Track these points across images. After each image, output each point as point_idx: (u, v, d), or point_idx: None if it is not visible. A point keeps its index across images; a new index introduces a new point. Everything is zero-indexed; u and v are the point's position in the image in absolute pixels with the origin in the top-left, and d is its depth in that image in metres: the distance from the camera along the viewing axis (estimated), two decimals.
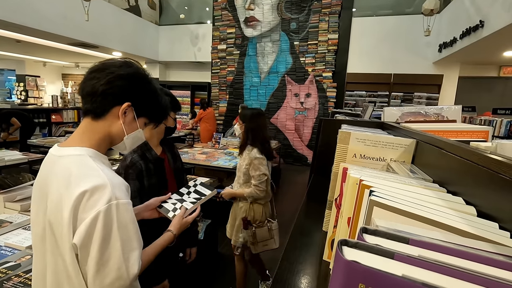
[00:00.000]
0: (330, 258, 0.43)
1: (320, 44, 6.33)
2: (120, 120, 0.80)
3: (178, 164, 1.47)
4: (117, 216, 0.69)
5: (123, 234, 0.71)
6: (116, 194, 0.70)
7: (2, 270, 1.08)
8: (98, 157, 0.78)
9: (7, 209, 1.61)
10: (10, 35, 5.34)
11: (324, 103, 6.45)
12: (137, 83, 0.82)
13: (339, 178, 0.43)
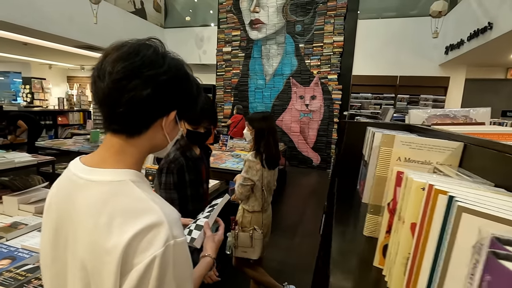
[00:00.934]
0: (381, 264, 0.42)
1: (325, 46, 6.33)
2: (163, 130, 0.65)
3: (208, 164, 1.61)
4: (173, 258, 0.57)
5: (179, 279, 0.59)
6: (173, 233, 0.57)
7: (22, 273, 1.07)
8: (141, 180, 0.63)
9: (21, 211, 1.61)
10: (17, 37, 5.38)
11: (330, 105, 6.44)
12: (183, 85, 0.65)
13: (391, 182, 0.42)
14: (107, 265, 0.54)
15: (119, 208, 0.56)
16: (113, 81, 0.56)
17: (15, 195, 1.65)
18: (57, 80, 10.72)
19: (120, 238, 0.53)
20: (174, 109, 0.63)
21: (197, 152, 1.45)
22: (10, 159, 2.84)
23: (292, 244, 3.08)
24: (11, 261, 1.16)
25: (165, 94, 0.60)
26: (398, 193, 0.40)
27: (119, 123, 0.60)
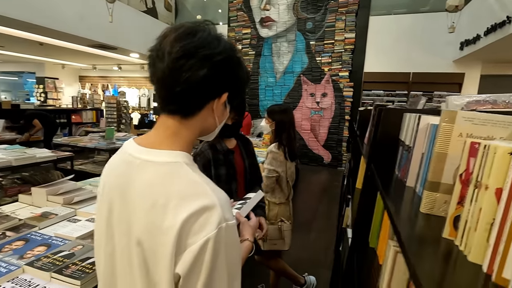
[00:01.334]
0: (451, 236, 0.43)
1: (336, 44, 6.29)
2: (214, 113, 0.66)
3: (252, 160, 1.49)
4: (225, 241, 0.57)
5: (230, 262, 0.59)
6: (225, 215, 0.57)
7: (59, 259, 1.10)
8: (192, 163, 0.64)
9: (50, 202, 1.65)
10: (34, 37, 5.50)
11: (341, 103, 6.40)
12: (234, 66, 0.65)
13: (464, 154, 0.42)
14: (162, 246, 0.55)
15: (175, 190, 0.57)
16: (172, 60, 0.57)
17: (43, 186, 1.69)
18: (70, 79, 10.91)
19: (175, 219, 0.54)
20: (226, 91, 0.64)
21: (231, 144, 1.42)
22: (31, 155, 2.91)
23: (307, 240, 3.08)
24: (47, 248, 1.20)
25: (219, 75, 0.60)
26: (471, 163, 0.41)
27: (176, 103, 0.61)
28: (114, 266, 0.65)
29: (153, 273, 0.59)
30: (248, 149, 1.50)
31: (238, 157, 1.44)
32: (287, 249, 1.83)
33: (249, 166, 1.47)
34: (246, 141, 1.51)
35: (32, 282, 1.00)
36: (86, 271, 1.04)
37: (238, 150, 1.44)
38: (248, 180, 1.48)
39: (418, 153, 0.69)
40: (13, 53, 7.91)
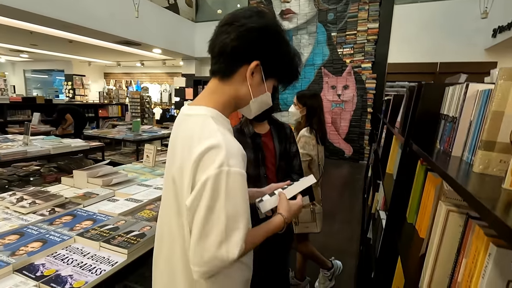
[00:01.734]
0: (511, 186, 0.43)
1: (359, 34, 6.15)
2: (247, 82, 0.72)
3: (285, 146, 1.41)
4: (226, 184, 0.62)
5: (229, 207, 0.62)
6: (229, 161, 0.62)
7: (105, 231, 1.18)
8: (220, 119, 0.73)
9: (90, 184, 1.76)
10: (64, 35, 5.78)
11: (363, 95, 6.26)
12: (268, 38, 0.70)
13: None
14: (184, 179, 0.67)
15: (197, 134, 0.68)
16: (217, 28, 0.72)
17: (84, 169, 1.80)
18: (95, 76, 11.36)
19: (192, 155, 0.65)
20: (256, 59, 0.70)
21: (263, 129, 1.37)
22: (67, 144, 3.09)
23: (331, 230, 3.07)
24: (93, 222, 1.28)
25: (249, 42, 0.69)
26: None
27: (215, 64, 0.73)
28: (162, 206, 0.82)
29: (181, 208, 0.69)
30: (282, 134, 1.41)
31: (269, 142, 1.39)
32: (319, 231, 1.85)
33: (282, 152, 1.39)
34: (280, 126, 1.43)
35: (84, 250, 1.08)
36: (132, 242, 1.11)
37: (269, 135, 1.39)
38: (281, 166, 1.40)
39: (465, 121, 0.69)
40: (45, 51, 8.34)
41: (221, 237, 0.62)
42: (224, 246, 0.62)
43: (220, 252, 0.62)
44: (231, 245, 0.63)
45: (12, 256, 0.99)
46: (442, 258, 0.55)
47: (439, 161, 0.64)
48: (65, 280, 0.90)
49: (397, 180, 1.02)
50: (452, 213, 0.54)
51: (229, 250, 0.63)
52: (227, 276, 0.74)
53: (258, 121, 1.39)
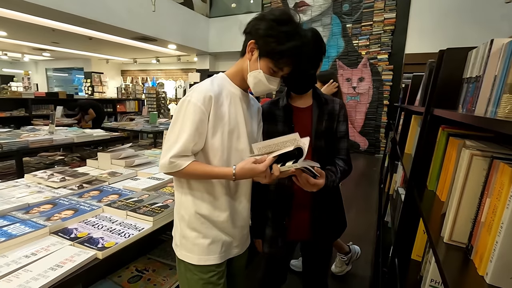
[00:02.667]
0: None
1: (375, 25, 6.02)
2: (247, 58, 0.92)
3: (329, 124, 1.20)
4: (185, 109, 0.87)
5: (181, 125, 0.87)
6: (192, 96, 0.87)
7: (131, 203, 1.24)
8: (220, 78, 0.97)
9: (113, 165, 1.83)
10: (84, 32, 5.97)
11: (379, 87, 6.14)
12: (265, 22, 0.87)
13: None
14: None
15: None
16: None
17: (108, 151, 1.88)
18: (113, 73, 11.67)
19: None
20: (252, 39, 0.89)
21: (304, 103, 1.21)
22: (89, 134, 3.21)
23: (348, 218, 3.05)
24: (118, 196, 1.35)
25: (251, 25, 0.91)
26: None
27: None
28: None
29: None
30: (326, 111, 1.20)
31: (306, 117, 1.22)
32: None
33: (322, 130, 1.19)
34: (326, 102, 1.22)
35: (112, 218, 1.15)
36: (156, 211, 1.16)
37: (309, 110, 1.22)
38: (319, 146, 1.19)
39: (490, 77, 0.69)
40: (66, 49, 8.64)
41: (170, 144, 0.88)
42: (167, 151, 0.87)
43: (165, 154, 0.88)
44: (171, 151, 0.86)
45: (47, 221, 1.06)
46: (465, 202, 0.55)
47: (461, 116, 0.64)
48: (97, 241, 0.96)
49: (417, 149, 1.01)
50: (476, 157, 0.54)
51: (168, 154, 0.86)
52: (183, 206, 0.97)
53: (296, 93, 1.21)
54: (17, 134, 2.88)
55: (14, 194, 1.31)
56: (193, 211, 0.95)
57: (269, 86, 0.93)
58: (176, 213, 1.01)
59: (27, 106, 5.57)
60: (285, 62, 0.90)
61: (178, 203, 1.00)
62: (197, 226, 0.96)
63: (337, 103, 1.23)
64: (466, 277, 0.50)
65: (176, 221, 1.01)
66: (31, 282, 0.75)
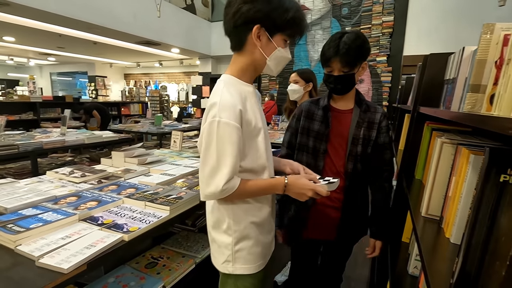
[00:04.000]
0: (488, 111, 0.56)
1: (373, 28, 6.15)
2: (257, 46, 0.84)
3: (369, 133, 1.17)
4: (217, 131, 0.80)
5: (219, 149, 0.80)
6: (221, 114, 0.80)
7: (148, 195, 1.36)
8: (232, 82, 0.90)
9: (127, 163, 1.96)
10: (89, 37, 6.13)
11: (378, 89, 6.27)
12: (256, 2, 0.81)
13: (498, 46, 0.55)
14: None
15: (210, 94, 0.90)
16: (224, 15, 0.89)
17: (121, 150, 2.01)
18: (116, 77, 11.84)
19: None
20: (255, 24, 0.82)
21: (345, 105, 1.22)
22: (98, 135, 3.34)
23: None
24: (135, 190, 1.47)
25: (243, 13, 0.82)
26: (504, 51, 0.54)
27: (231, 43, 0.90)
28: None
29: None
30: (367, 119, 1.18)
31: (344, 120, 1.21)
32: None
33: (360, 137, 1.17)
34: (368, 110, 1.19)
35: (132, 208, 1.27)
36: (172, 202, 1.28)
37: (349, 113, 1.22)
38: (355, 152, 1.18)
39: (462, 79, 0.81)
40: (70, 54, 8.82)
41: (211, 171, 0.82)
42: (212, 178, 0.82)
43: (210, 182, 0.82)
44: (218, 178, 0.81)
45: (75, 210, 1.18)
46: (437, 181, 0.67)
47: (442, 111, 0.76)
48: (122, 226, 1.08)
49: (406, 143, 1.14)
50: (446, 144, 0.66)
51: (216, 181, 0.82)
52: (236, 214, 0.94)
53: (336, 93, 1.22)
54: (31, 136, 3.02)
55: (41, 188, 1.44)
56: (248, 221, 0.93)
57: (289, 57, 0.92)
58: (221, 231, 0.95)
59: (35, 109, 5.73)
60: (296, 27, 0.87)
61: (223, 218, 0.94)
62: (251, 235, 0.94)
63: (379, 112, 1.20)
64: (437, 240, 0.61)
65: (223, 239, 0.95)
66: (71, 258, 0.87)
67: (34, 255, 0.87)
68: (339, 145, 1.22)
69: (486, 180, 0.39)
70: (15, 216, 1.09)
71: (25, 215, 1.11)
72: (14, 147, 2.53)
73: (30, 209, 1.17)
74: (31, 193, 1.35)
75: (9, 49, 8.47)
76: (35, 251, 0.89)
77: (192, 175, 1.75)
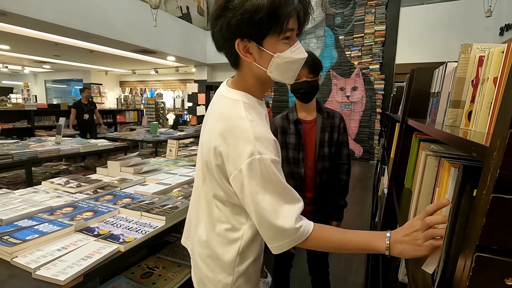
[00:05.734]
0: (466, 126, 0.60)
1: (366, 37, 6.29)
2: (250, 60, 0.70)
3: (331, 135, 1.43)
4: (261, 171, 0.65)
5: (272, 186, 0.66)
6: (261, 150, 0.65)
7: (144, 205, 1.38)
8: (251, 104, 0.74)
9: (123, 172, 1.97)
10: (86, 45, 6.16)
11: (372, 96, 6.37)
12: (226, 10, 0.67)
13: (474, 66, 0.59)
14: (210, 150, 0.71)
15: (225, 118, 0.71)
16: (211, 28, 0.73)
17: (117, 160, 2.01)
18: (112, 85, 11.85)
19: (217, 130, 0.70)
20: (236, 38, 0.67)
21: (310, 116, 1.43)
22: (94, 143, 3.35)
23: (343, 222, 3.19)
24: (131, 199, 1.48)
25: (221, 32, 0.69)
26: (480, 71, 0.57)
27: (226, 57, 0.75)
28: (195, 182, 0.88)
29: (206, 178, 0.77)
30: (328, 123, 1.43)
31: (312, 129, 1.43)
32: None
33: (325, 140, 1.42)
34: (328, 115, 1.44)
35: (128, 218, 1.28)
36: (168, 212, 1.30)
37: (314, 122, 1.43)
38: (322, 153, 1.43)
39: (445, 93, 0.85)
40: (66, 62, 8.82)
41: (273, 214, 0.65)
42: (277, 220, 0.65)
43: (278, 225, 0.65)
44: (284, 217, 0.65)
45: (71, 221, 1.19)
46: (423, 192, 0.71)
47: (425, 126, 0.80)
48: (118, 237, 1.09)
49: (396, 153, 1.17)
50: (430, 156, 0.70)
51: (284, 221, 0.64)
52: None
53: (304, 100, 1.40)
54: (26, 145, 3.01)
55: (37, 198, 1.44)
56: (252, 259, 0.82)
57: (300, 57, 0.73)
58: (224, 273, 0.80)
59: (29, 117, 5.70)
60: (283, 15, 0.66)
61: (229, 257, 0.79)
62: (253, 273, 0.85)
63: (337, 117, 1.48)
64: None
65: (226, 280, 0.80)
66: (68, 269, 0.88)
67: (31, 267, 0.88)
68: (310, 150, 1.47)
69: (461, 194, 0.42)
70: (11, 228, 1.10)
71: (21, 226, 1.12)
72: (9, 156, 2.52)
73: (26, 220, 1.18)
74: (26, 203, 1.36)
75: (3, 57, 8.45)
76: (31, 263, 0.90)
77: (187, 184, 1.77)
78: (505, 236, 0.26)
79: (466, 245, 0.29)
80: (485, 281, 0.26)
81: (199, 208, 0.85)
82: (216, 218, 0.79)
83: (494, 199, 0.25)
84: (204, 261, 0.83)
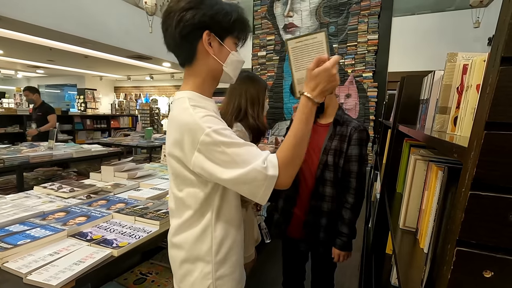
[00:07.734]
0: (452, 131, 0.62)
1: (359, 45, 6.41)
2: (210, 53, 0.76)
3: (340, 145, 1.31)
4: (217, 139, 0.69)
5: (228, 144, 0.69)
6: (207, 124, 0.69)
7: (137, 210, 1.37)
8: (196, 98, 0.78)
9: (116, 177, 1.96)
10: (80, 50, 6.14)
11: (365, 103, 6.46)
12: (201, 4, 0.74)
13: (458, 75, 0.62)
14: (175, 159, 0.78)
15: (175, 114, 0.77)
16: (163, 29, 0.79)
17: (111, 165, 2.00)
18: (106, 90, 11.79)
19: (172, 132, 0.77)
20: (204, 30, 0.74)
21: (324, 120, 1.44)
22: (87, 149, 3.32)
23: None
24: (125, 204, 1.47)
25: (189, 22, 0.73)
26: (464, 79, 0.60)
27: (178, 58, 0.81)
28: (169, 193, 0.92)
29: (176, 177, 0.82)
30: (339, 132, 1.33)
31: (322, 133, 1.39)
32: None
33: (331, 148, 1.32)
34: (342, 124, 1.34)
35: (122, 223, 1.27)
36: (162, 216, 1.30)
37: (326, 127, 1.39)
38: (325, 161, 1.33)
39: (433, 100, 0.88)
40: (60, 67, 8.77)
41: (241, 166, 0.67)
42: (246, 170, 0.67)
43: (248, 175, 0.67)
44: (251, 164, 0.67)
45: (64, 225, 1.18)
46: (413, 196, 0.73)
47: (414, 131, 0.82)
48: (111, 242, 1.09)
49: (387, 159, 1.20)
50: (419, 161, 0.72)
51: (252, 167, 0.67)
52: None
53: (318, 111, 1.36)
54: (18, 150, 2.97)
55: (29, 203, 1.43)
56: (230, 242, 0.83)
57: (242, 60, 0.85)
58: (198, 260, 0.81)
59: (21, 122, 5.63)
60: (242, 27, 0.81)
61: (200, 243, 0.81)
62: (233, 258, 0.85)
63: (351, 126, 1.32)
64: (412, 250, 0.66)
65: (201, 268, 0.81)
66: (60, 274, 0.87)
67: (22, 272, 0.87)
68: (314, 154, 1.40)
69: (446, 194, 0.44)
70: (2, 233, 1.08)
71: (13, 231, 1.11)
72: (0, 161, 2.48)
73: (18, 225, 1.17)
74: (17, 208, 1.34)
75: None
76: (22, 268, 0.89)
77: None
78: (483, 231, 0.27)
79: (447, 241, 0.31)
80: (465, 274, 0.28)
81: (172, 210, 0.89)
82: (183, 210, 0.83)
83: (472, 196, 0.27)
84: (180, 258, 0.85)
